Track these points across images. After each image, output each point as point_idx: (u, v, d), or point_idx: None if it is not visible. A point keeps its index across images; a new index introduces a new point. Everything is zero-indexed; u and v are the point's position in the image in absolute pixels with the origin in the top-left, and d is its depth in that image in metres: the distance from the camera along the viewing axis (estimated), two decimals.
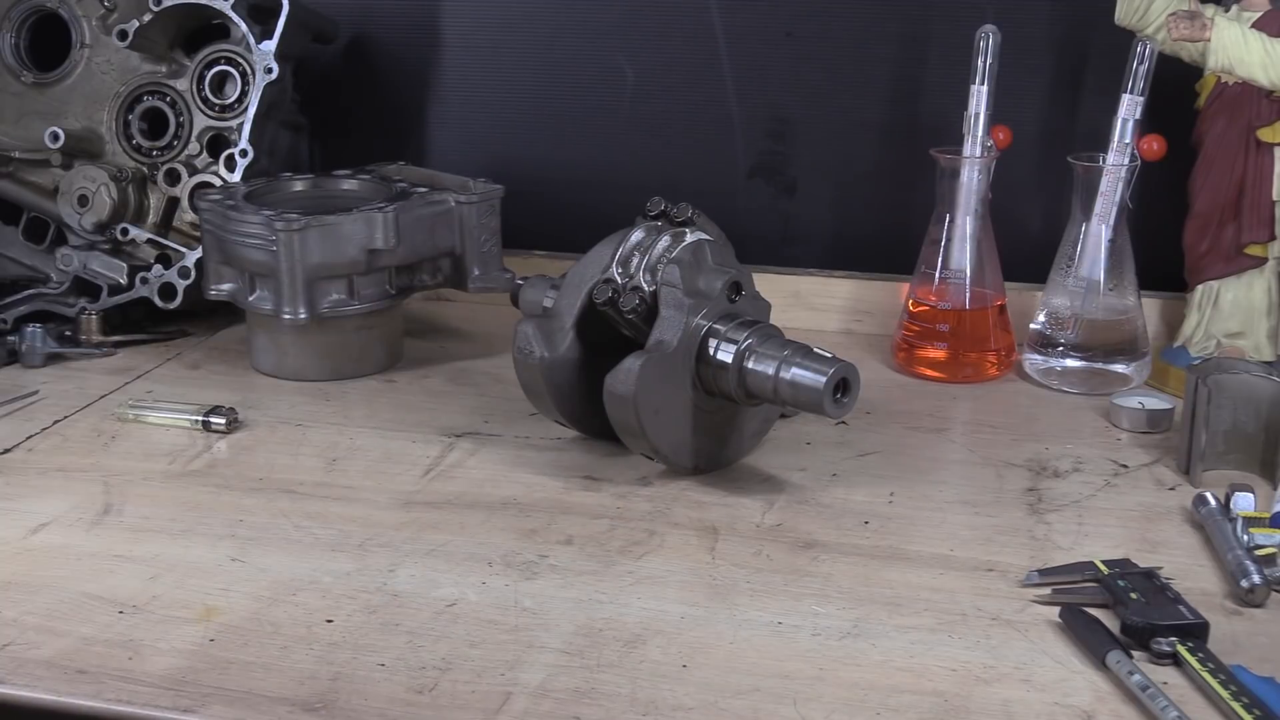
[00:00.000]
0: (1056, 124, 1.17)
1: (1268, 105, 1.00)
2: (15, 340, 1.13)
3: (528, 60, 1.29)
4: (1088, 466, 0.92)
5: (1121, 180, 1.03)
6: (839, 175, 1.24)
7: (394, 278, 1.09)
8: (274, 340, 1.09)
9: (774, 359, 0.85)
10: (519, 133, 1.31)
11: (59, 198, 1.18)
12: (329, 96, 1.33)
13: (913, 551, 0.81)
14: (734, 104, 1.25)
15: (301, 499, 0.88)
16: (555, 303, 0.92)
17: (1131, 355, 1.06)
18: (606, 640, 0.71)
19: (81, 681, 0.67)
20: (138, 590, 0.75)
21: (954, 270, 1.07)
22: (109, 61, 1.21)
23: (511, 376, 0.94)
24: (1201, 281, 1.05)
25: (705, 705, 0.65)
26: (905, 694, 0.66)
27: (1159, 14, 1.01)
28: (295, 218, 1.03)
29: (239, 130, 1.17)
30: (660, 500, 0.88)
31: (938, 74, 1.18)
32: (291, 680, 0.66)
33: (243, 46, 1.18)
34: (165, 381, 1.09)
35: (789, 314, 1.12)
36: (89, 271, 1.18)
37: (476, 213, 1.10)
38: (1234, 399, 0.90)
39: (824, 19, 1.21)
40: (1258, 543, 0.78)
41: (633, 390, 0.85)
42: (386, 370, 1.11)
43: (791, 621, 0.73)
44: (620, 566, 0.79)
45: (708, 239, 0.91)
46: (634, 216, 0.93)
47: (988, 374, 1.08)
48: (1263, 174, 1.01)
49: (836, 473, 0.92)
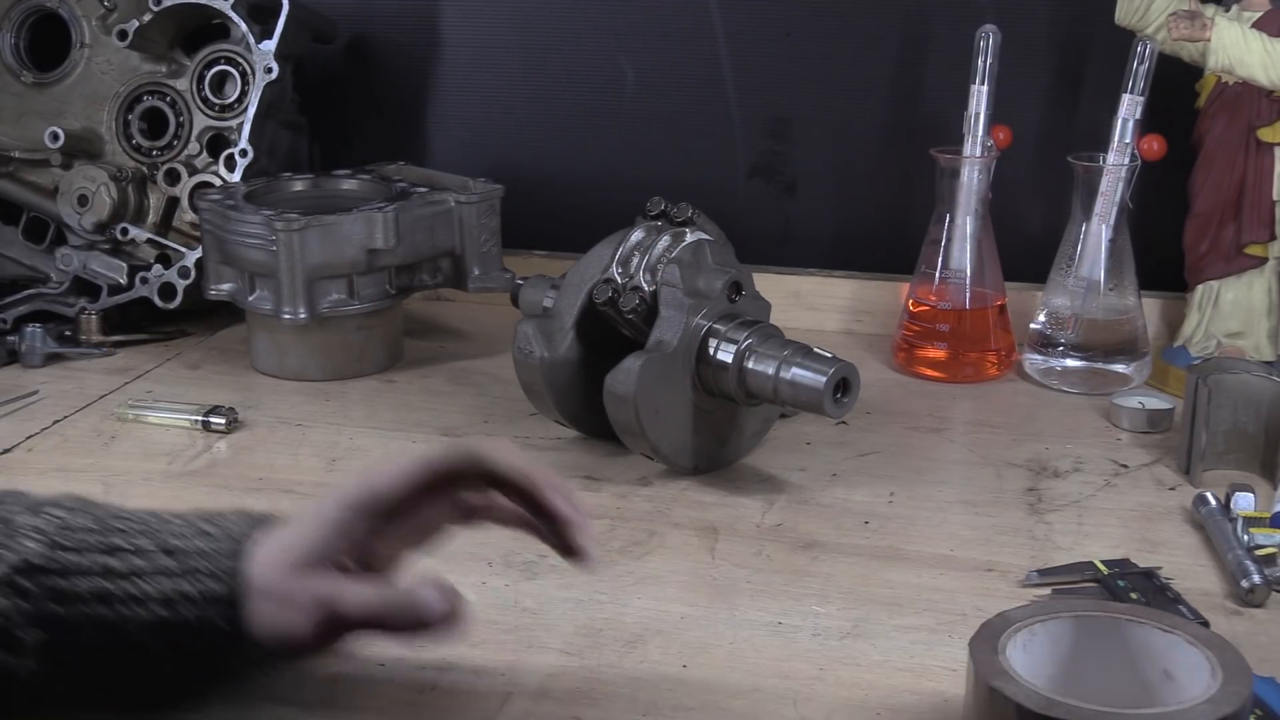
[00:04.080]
0: (1056, 124, 1.17)
1: (1268, 105, 1.00)
2: (15, 340, 1.13)
3: (528, 60, 1.29)
4: (1088, 466, 0.92)
5: (1121, 180, 1.03)
6: (839, 175, 1.24)
7: (394, 278, 1.09)
8: (274, 340, 1.09)
9: (774, 359, 0.85)
10: (519, 133, 1.31)
11: (59, 198, 1.18)
12: (329, 96, 1.33)
13: (913, 551, 0.81)
14: (734, 104, 1.25)
15: (301, 499, 0.87)
16: (555, 303, 0.92)
17: (1131, 355, 1.06)
18: (606, 640, 0.71)
19: None
20: None
21: (954, 270, 1.07)
22: (109, 61, 1.21)
23: (511, 376, 0.94)
24: (1201, 281, 1.05)
25: (705, 705, 0.65)
26: (905, 694, 0.66)
27: (1159, 14, 1.01)
28: (295, 218, 1.03)
29: (239, 130, 1.17)
30: (660, 500, 0.88)
31: (938, 74, 1.18)
32: (291, 680, 0.66)
33: (243, 46, 1.18)
34: (165, 381, 1.09)
35: (789, 314, 1.12)
36: (89, 271, 1.18)
37: (476, 213, 1.10)
38: (1234, 399, 0.90)
39: (824, 19, 1.21)
40: (1258, 543, 0.78)
41: (633, 390, 0.85)
42: (386, 370, 1.11)
43: (791, 621, 0.73)
44: (620, 566, 0.79)
45: (708, 239, 0.91)
46: (634, 216, 0.93)
47: (988, 374, 1.08)
48: (1263, 174, 1.01)
49: (836, 473, 0.92)
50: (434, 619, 0.60)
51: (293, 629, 0.60)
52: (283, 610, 0.60)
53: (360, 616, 0.61)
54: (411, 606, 0.60)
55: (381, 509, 0.62)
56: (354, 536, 0.62)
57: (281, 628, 0.60)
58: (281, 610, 0.60)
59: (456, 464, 0.63)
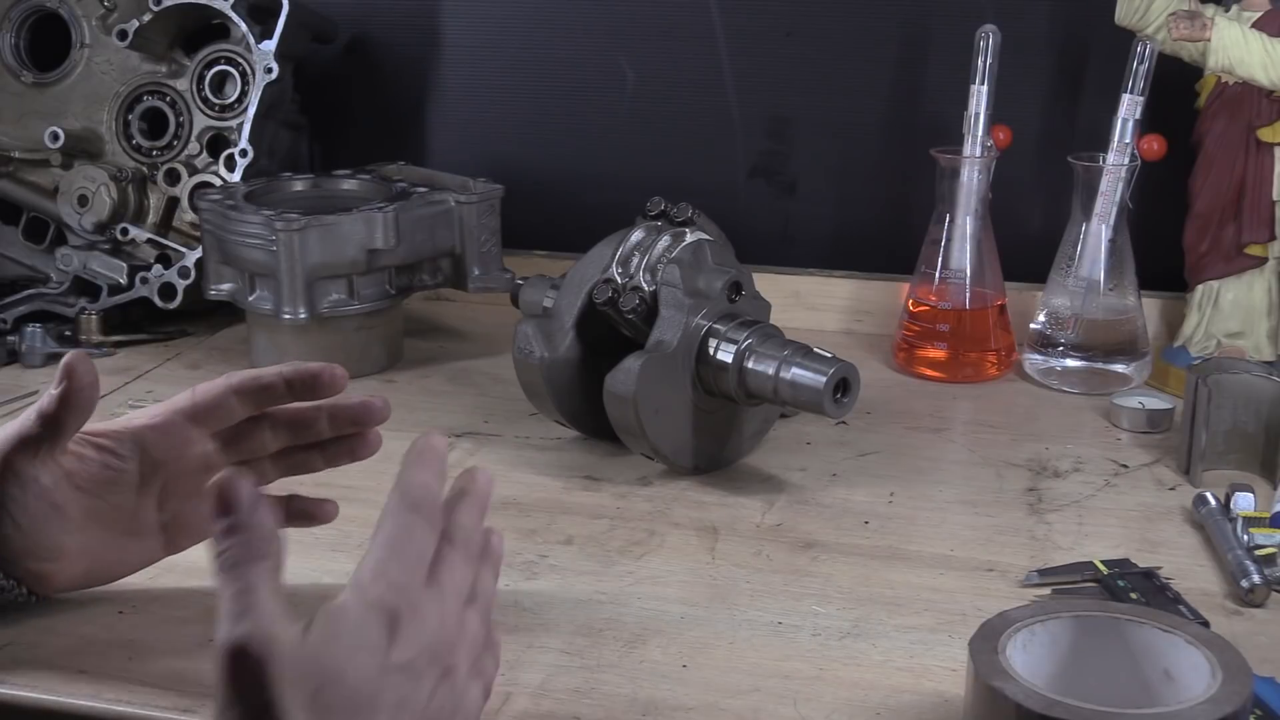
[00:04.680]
0: (1056, 124, 1.17)
1: (1268, 105, 1.00)
2: (15, 340, 1.13)
3: (528, 60, 1.29)
4: (1088, 466, 0.92)
5: (1121, 180, 1.03)
6: (839, 175, 1.24)
7: (394, 278, 1.09)
8: (274, 340, 1.09)
9: (774, 359, 0.85)
10: (519, 133, 1.31)
11: (59, 198, 1.18)
12: (329, 96, 1.33)
13: (913, 551, 0.81)
14: (734, 104, 1.25)
15: None
16: (555, 303, 0.92)
17: (1131, 355, 1.05)
18: (606, 640, 0.71)
19: (81, 681, 0.67)
20: (138, 590, 0.75)
21: (954, 270, 1.07)
22: (109, 61, 1.21)
23: (511, 376, 0.94)
24: (1201, 281, 1.05)
25: (705, 705, 0.65)
26: (905, 694, 0.66)
27: (1159, 14, 1.01)
28: (295, 218, 1.03)
29: (239, 130, 1.17)
30: (660, 500, 0.88)
31: (938, 74, 1.18)
32: None
33: (243, 46, 1.18)
34: (165, 381, 1.09)
35: (789, 314, 1.12)
36: (89, 271, 1.18)
37: (476, 213, 1.11)
38: (1234, 399, 0.90)
39: (824, 19, 1.21)
40: (1258, 543, 0.78)
41: (633, 390, 0.85)
42: (386, 370, 1.11)
43: (791, 621, 0.73)
44: (620, 566, 0.79)
45: (708, 239, 0.91)
46: (634, 216, 0.93)
47: (988, 374, 1.08)
48: (1263, 174, 1.01)
49: (836, 473, 0.92)
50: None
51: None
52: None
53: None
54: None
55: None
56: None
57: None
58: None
59: (216, 396, 0.72)
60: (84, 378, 0.67)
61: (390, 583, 0.53)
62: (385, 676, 0.51)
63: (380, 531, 0.54)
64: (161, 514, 0.72)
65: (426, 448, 0.57)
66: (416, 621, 0.53)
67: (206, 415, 0.72)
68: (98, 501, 0.69)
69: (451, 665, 0.55)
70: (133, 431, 0.71)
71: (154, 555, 0.74)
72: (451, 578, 0.56)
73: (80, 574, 0.70)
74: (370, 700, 0.50)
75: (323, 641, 0.50)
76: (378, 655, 0.51)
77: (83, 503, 0.69)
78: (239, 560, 0.50)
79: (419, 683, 0.52)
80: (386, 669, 0.51)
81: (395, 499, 0.55)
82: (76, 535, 0.69)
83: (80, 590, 0.72)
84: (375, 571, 0.53)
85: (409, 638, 0.52)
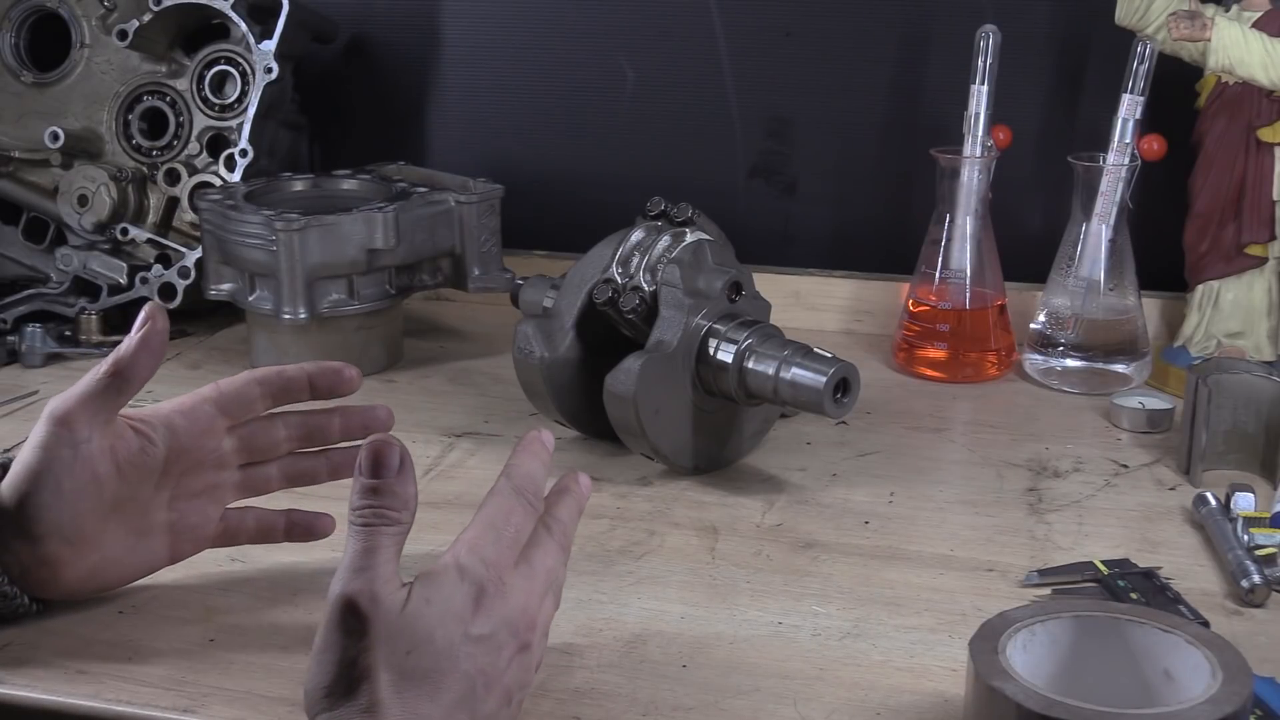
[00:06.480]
0: (1056, 124, 1.17)
1: (1268, 105, 1.00)
2: (15, 340, 1.13)
3: (528, 60, 1.29)
4: (1088, 466, 0.92)
5: (1121, 180, 1.03)
6: (839, 175, 1.24)
7: (394, 278, 1.09)
8: (274, 340, 1.09)
9: (774, 359, 0.85)
10: (519, 133, 1.31)
11: (59, 198, 1.18)
12: (329, 96, 1.33)
13: (913, 551, 0.81)
14: (734, 104, 1.25)
15: (301, 499, 0.87)
16: (555, 303, 0.92)
17: (1131, 355, 1.06)
18: (606, 640, 0.71)
19: (81, 681, 0.67)
20: (138, 590, 0.75)
21: (954, 270, 1.07)
22: (109, 61, 1.21)
23: (511, 376, 0.94)
24: (1202, 281, 1.05)
25: (705, 705, 0.65)
26: (905, 694, 0.66)
27: (1159, 14, 1.01)
28: (295, 217, 1.03)
29: (239, 130, 1.17)
30: (660, 500, 0.88)
31: (938, 74, 1.18)
32: (291, 680, 0.66)
33: (243, 46, 1.18)
34: (165, 381, 1.09)
35: (789, 314, 1.12)
36: (89, 271, 1.18)
37: (476, 212, 1.11)
38: (1234, 399, 0.90)
39: (824, 19, 1.21)
40: (1258, 543, 0.78)
41: (633, 390, 0.85)
42: (386, 370, 1.11)
43: (791, 621, 0.73)
44: (620, 566, 0.79)
45: (708, 239, 0.91)
46: (634, 216, 0.93)
47: (988, 374, 1.08)
48: (1263, 174, 1.01)
49: (836, 473, 0.92)
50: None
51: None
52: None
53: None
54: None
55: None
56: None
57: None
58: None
59: (240, 386, 0.74)
60: (160, 324, 0.69)
61: (482, 558, 0.58)
62: (466, 645, 0.56)
63: (483, 509, 0.60)
64: (170, 513, 0.73)
65: (535, 440, 0.64)
66: (500, 597, 0.58)
67: (230, 404, 0.74)
68: (124, 487, 0.70)
69: (528, 641, 0.60)
70: (164, 416, 0.73)
71: (156, 561, 0.74)
72: (544, 563, 0.61)
73: (86, 571, 0.70)
74: (453, 664, 0.55)
75: (418, 607, 0.55)
76: (463, 624, 0.56)
77: (114, 485, 0.69)
78: (372, 521, 0.56)
79: (499, 654, 0.57)
80: (468, 638, 0.56)
81: (502, 481, 0.61)
82: (99, 521, 0.69)
83: (80, 598, 0.73)
84: (471, 545, 0.59)
85: (490, 611, 0.57)
